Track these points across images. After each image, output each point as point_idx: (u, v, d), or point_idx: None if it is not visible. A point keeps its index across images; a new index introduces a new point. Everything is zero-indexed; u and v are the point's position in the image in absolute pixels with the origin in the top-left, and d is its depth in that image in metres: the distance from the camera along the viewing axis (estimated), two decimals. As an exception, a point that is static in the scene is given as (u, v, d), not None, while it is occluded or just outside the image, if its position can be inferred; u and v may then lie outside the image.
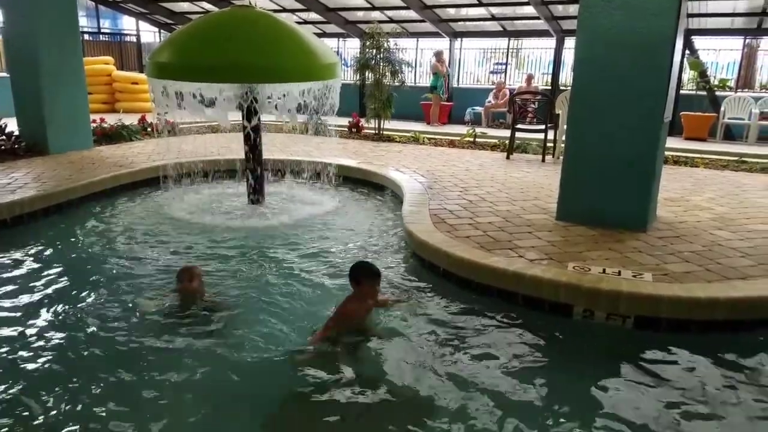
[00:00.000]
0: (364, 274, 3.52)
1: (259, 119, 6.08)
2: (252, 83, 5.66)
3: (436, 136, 11.25)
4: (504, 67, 15.57)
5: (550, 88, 13.79)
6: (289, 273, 4.37)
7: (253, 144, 6.08)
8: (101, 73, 14.09)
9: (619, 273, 3.85)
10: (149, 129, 10.39)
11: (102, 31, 17.93)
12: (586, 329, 3.57)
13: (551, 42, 14.02)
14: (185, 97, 5.62)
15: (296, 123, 6.43)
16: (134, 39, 18.31)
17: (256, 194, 6.26)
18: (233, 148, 8.51)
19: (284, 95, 5.77)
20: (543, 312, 3.74)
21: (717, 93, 12.20)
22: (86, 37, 16.43)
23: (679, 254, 4.31)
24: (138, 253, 4.78)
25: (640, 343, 3.35)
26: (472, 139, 10.64)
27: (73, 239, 5.22)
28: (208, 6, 15.15)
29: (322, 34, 15.78)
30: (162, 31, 18.12)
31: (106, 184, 6.77)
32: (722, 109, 11.75)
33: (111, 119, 10.26)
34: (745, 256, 4.31)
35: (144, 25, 18.25)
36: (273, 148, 8.76)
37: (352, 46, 16.17)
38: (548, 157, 8.76)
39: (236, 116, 6.34)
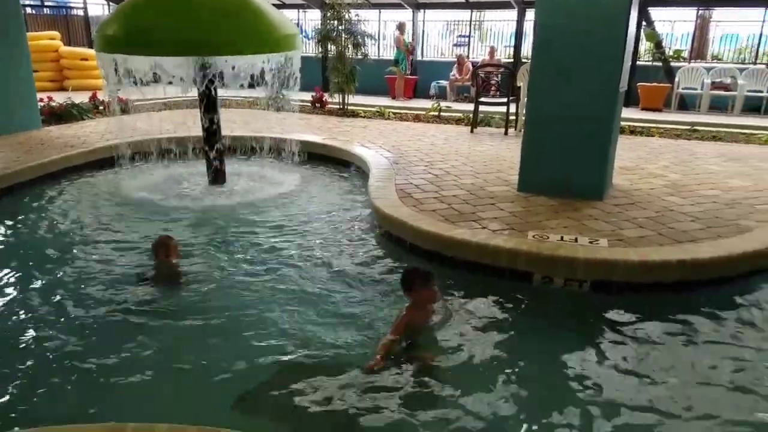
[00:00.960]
0: (415, 278, 3.21)
1: (216, 94, 5.95)
2: (207, 56, 5.49)
3: (402, 111, 11.23)
4: (467, 39, 15.56)
5: (512, 60, 13.88)
6: (252, 252, 4.36)
7: (210, 121, 5.95)
8: (47, 49, 13.40)
9: (576, 240, 3.98)
10: (101, 107, 10.04)
11: (46, 4, 17.04)
12: (546, 295, 3.70)
13: (513, 14, 14.06)
14: (139, 73, 5.44)
15: (257, 98, 6.30)
16: (81, 12, 17.48)
17: (215, 173, 6.14)
18: (190, 126, 8.30)
19: (241, 69, 5.62)
20: (505, 280, 3.84)
21: (672, 64, 12.49)
22: (29, 11, 15.60)
23: (634, 220, 4.47)
24: (93, 237, 4.67)
25: (596, 306, 3.49)
26: (437, 114, 10.67)
27: (22, 224, 5.04)
28: (161, -22, 14.57)
29: (281, 5, 15.42)
30: (111, 3, 17.35)
31: (58, 165, 6.55)
32: (677, 79, 12.05)
33: (60, 98, 9.82)
34: (695, 220, 4.50)
35: (91, -2, 17.45)
36: (233, 125, 8.62)
37: (313, 18, 15.88)
38: (511, 130, 8.87)
39: (193, 91, 6.18)
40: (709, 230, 4.25)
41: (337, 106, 11.19)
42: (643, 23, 12.17)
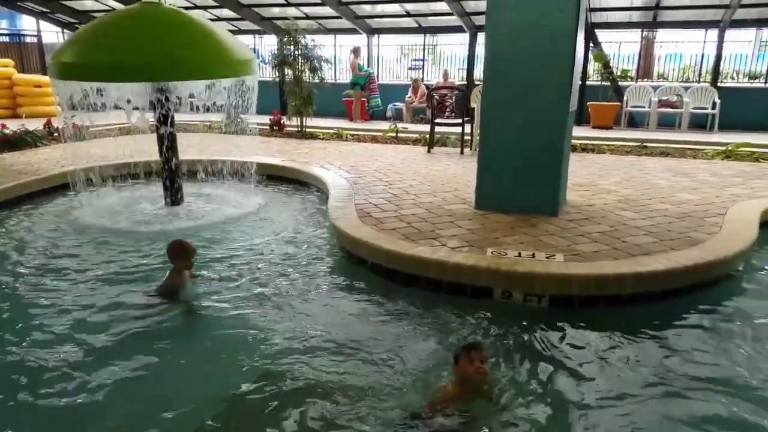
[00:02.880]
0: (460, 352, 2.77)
1: (172, 118, 5.88)
2: (162, 81, 5.46)
3: (359, 132, 11.32)
4: (421, 63, 15.84)
5: (465, 82, 14.18)
6: (210, 274, 4.29)
7: (167, 144, 5.88)
8: (0, 77, 13.25)
9: (534, 255, 4.05)
10: (56, 133, 9.80)
11: (-1, 32, 16.69)
12: (506, 310, 3.73)
13: (465, 38, 14.42)
14: (93, 99, 5.36)
15: (215, 122, 6.28)
16: (35, 39, 17.15)
17: (173, 196, 6.06)
18: (147, 150, 8.13)
19: (197, 93, 5.61)
20: (466, 297, 3.88)
21: (620, 83, 12.99)
22: (-18, 39, 15.26)
23: (588, 235, 4.59)
24: (49, 265, 4.51)
25: (553, 321, 3.54)
26: (394, 135, 10.79)
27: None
28: (113, 3, 14.43)
29: (237, 31, 15.42)
30: (65, 30, 17.06)
31: (12, 193, 6.36)
32: (625, 98, 12.54)
33: (13, 125, 9.61)
34: (647, 233, 4.64)
35: (45, 25, 17.11)
36: (191, 149, 8.51)
37: (269, 43, 15.92)
38: (466, 150, 9.03)
39: (150, 117, 6.10)
40: (662, 243, 4.38)
41: (296, 129, 11.21)
42: (591, 45, 12.65)
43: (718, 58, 12.71)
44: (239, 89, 5.71)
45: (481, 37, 13.90)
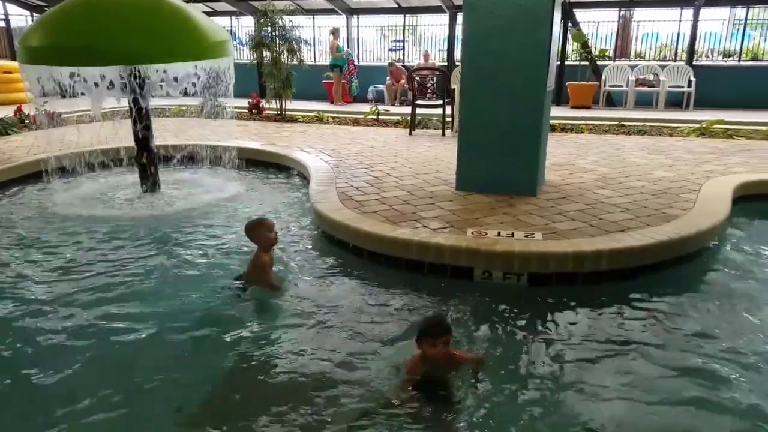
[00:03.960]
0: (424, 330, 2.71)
1: (147, 103, 5.78)
2: (134, 65, 5.34)
3: (340, 115, 11.25)
4: (402, 44, 15.74)
5: (446, 63, 14.14)
6: (187, 261, 4.25)
7: (142, 130, 5.78)
8: (-33, 63, 12.91)
9: (513, 235, 4.10)
10: (27, 121, 9.58)
11: (-36, 17, 16.17)
12: (487, 289, 3.76)
13: (445, 18, 14.34)
14: (65, 84, 5.23)
15: (191, 106, 6.19)
16: (2, 23, 16.66)
17: (149, 182, 5.98)
18: (122, 136, 8.00)
19: (172, 77, 5.50)
20: (447, 277, 3.91)
21: (598, 63, 13.06)
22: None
23: (566, 213, 4.65)
24: (21, 254, 4.43)
25: (533, 298, 3.61)
26: (375, 117, 10.75)
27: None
28: (85, -15, 14.05)
29: (213, 13, 15.17)
30: (34, 13, 16.62)
31: (-19, 183, 6.21)
32: (603, 77, 12.61)
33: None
34: (624, 210, 4.71)
35: (13, 8, 16.64)
36: (166, 134, 8.40)
37: (246, 24, 15.70)
38: (448, 131, 9.04)
39: (124, 101, 5.98)
40: (637, 220, 4.46)
41: (275, 112, 11.10)
42: (570, 25, 12.67)
43: (693, 37, 12.84)
44: (215, 72, 5.61)
45: (460, 17, 13.84)
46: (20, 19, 16.87)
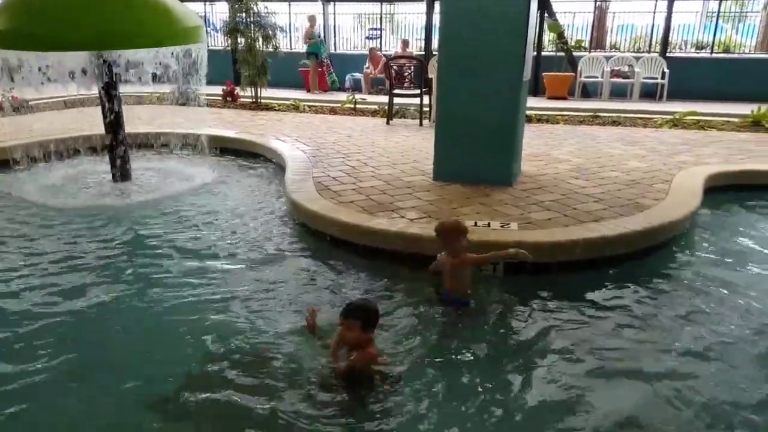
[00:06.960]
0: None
1: (117, 89, 5.64)
2: (102, 51, 5.20)
3: (317, 104, 11.15)
4: (379, 32, 15.63)
5: (423, 53, 14.07)
6: (160, 252, 4.18)
7: (113, 117, 5.64)
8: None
9: (489, 224, 4.11)
10: (-7, 107, 9.30)
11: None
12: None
13: (423, 6, 14.25)
14: (31, 69, 5.06)
15: (164, 93, 6.07)
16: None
17: (120, 171, 5.85)
18: (93, 123, 7.82)
19: (143, 63, 5.37)
20: (424, 267, 3.88)
21: (574, 53, 13.14)
22: None
23: (541, 204, 4.68)
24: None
25: (508, 288, 3.62)
26: (352, 106, 10.67)
27: None
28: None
29: (187, -1, 14.86)
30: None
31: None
32: (579, 68, 12.70)
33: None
34: (598, 201, 4.76)
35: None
36: (138, 122, 8.19)
37: (220, 11, 15.40)
38: (425, 121, 9.02)
39: (94, 88, 5.83)
40: (611, 210, 4.51)
41: (250, 100, 10.95)
42: (546, 15, 12.71)
43: (667, 28, 12.98)
44: (188, 58, 5.49)
45: (438, 6, 13.80)
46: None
